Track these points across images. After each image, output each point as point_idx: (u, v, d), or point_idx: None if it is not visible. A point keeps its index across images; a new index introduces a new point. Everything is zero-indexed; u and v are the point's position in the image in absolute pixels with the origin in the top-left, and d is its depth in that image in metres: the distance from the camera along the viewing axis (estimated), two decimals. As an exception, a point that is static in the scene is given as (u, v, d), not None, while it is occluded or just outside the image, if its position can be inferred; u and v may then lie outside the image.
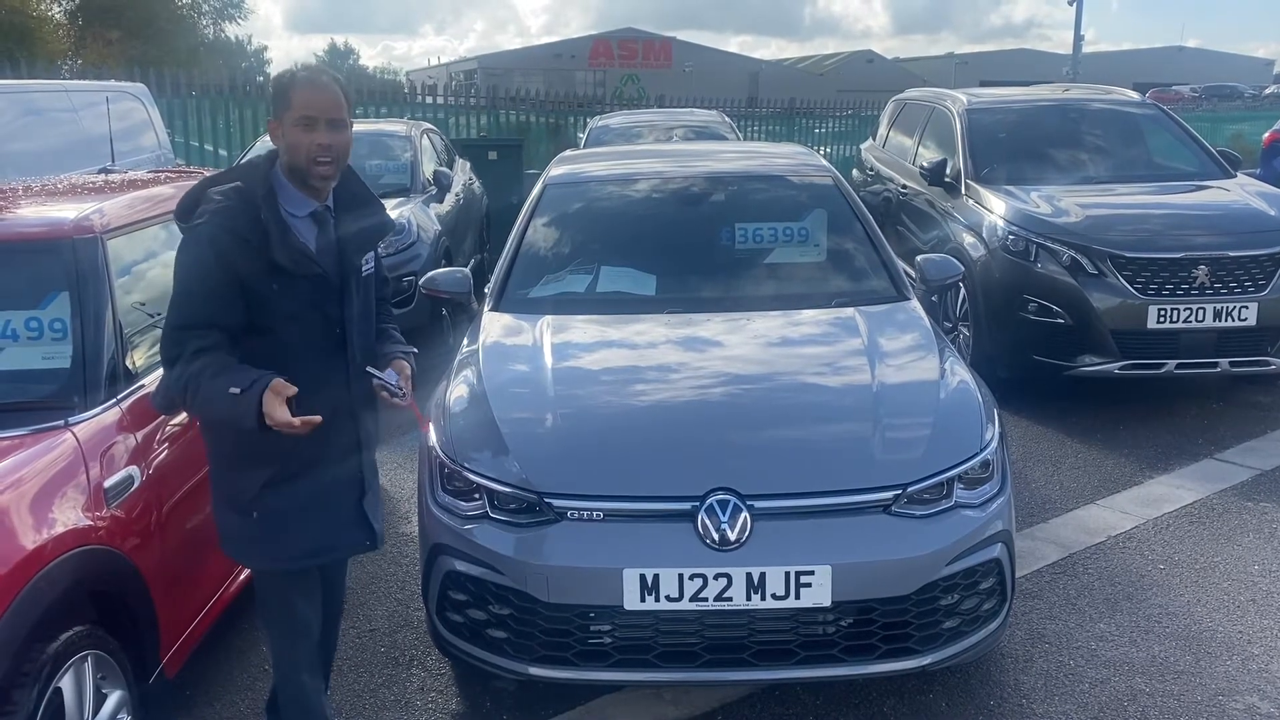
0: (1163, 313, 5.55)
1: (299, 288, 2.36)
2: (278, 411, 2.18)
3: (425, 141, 8.93)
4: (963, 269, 4.66)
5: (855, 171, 9.71)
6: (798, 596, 2.72)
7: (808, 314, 3.86)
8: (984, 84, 19.00)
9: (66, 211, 3.11)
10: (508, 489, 2.90)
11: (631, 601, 2.73)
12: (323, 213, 2.44)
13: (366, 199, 2.55)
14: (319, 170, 2.35)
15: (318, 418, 2.23)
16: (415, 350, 2.68)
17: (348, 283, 2.45)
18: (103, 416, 2.74)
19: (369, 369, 2.46)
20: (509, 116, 15.96)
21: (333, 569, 2.75)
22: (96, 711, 2.43)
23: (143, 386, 2.95)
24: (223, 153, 11.97)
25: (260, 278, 2.31)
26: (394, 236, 6.60)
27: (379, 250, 2.67)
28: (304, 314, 2.38)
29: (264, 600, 2.63)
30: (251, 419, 2.19)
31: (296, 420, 2.19)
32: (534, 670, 2.88)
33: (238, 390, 2.20)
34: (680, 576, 2.71)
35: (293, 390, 2.21)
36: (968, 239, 6.46)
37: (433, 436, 3.17)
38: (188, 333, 2.28)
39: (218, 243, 2.28)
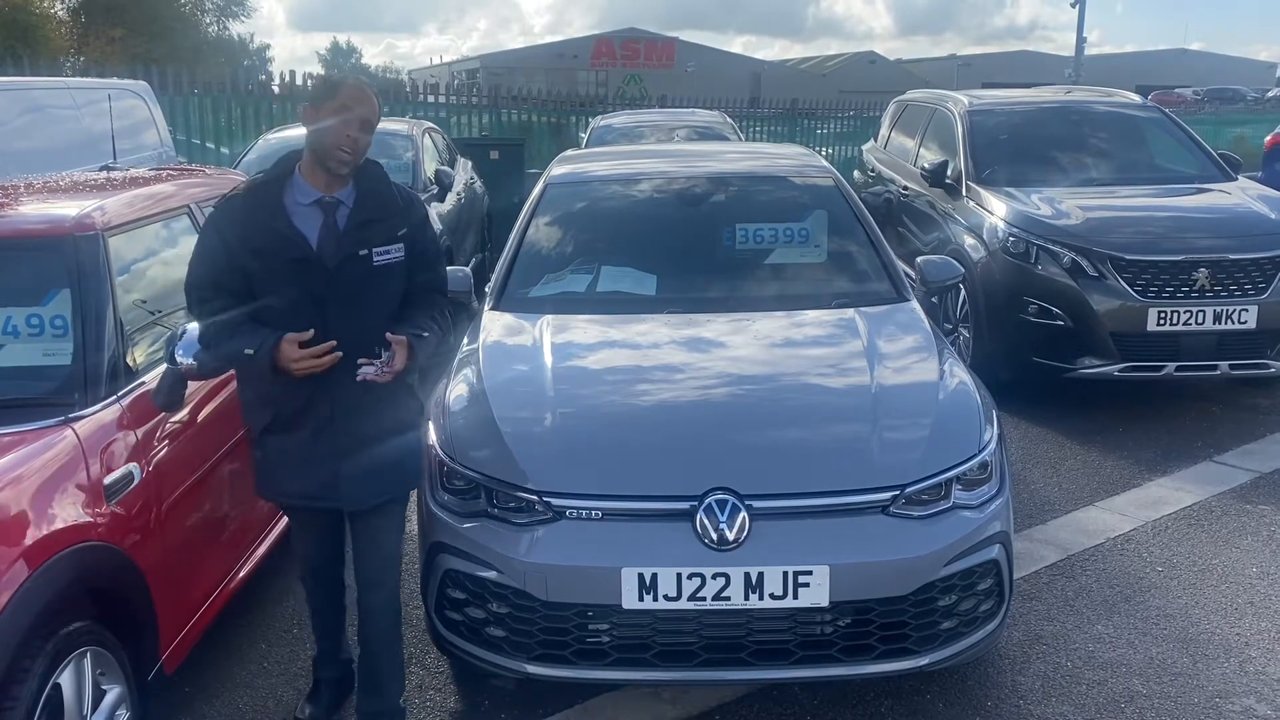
0: (1163, 315, 5.55)
1: (281, 268, 2.61)
2: (297, 353, 2.54)
3: (427, 140, 8.93)
4: (963, 270, 4.66)
5: (856, 173, 9.71)
6: (796, 596, 2.72)
7: (807, 315, 3.87)
8: (986, 86, 18.99)
9: (68, 209, 3.11)
10: (507, 488, 2.91)
11: (630, 600, 2.73)
12: (330, 202, 2.67)
13: (383, 195, 2.75)
14: (340, 155, 2.61)
15: (331, 345, 2.56)
16: (423, 334, 2.74)
17: (341, 270, 2.63)
18: (103, 413, 2.75)
19: (359, 361, 2.60)
20: (511, 116, 15.96)
21: (360, 532, 2.88)
22: (95, 707, 2.44)
23: (143, 384, 2.96)
24: (224, 150, 11.97)
25: (248, 257, 2.62)
26: None
27: (423, 241, 2.83)
28: (287, 291, 2.62)
29: (290, 530, 3.09)
30: (267, 369, 2.58)
31: (317, 351, 2.55)
32: (532, 669, 2.88)
33: (250, 351, 2.57)
34: (678, 576, 2.72)
35: (306, 336, 2.55)
36: (968, 240, 6.47)
37: (432, 435, 3.18)
38: (198, 290, 2.68)
39: (218, 224, 2.69)
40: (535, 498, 2.86)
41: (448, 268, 4.61)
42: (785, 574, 2.71)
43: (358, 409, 2.70)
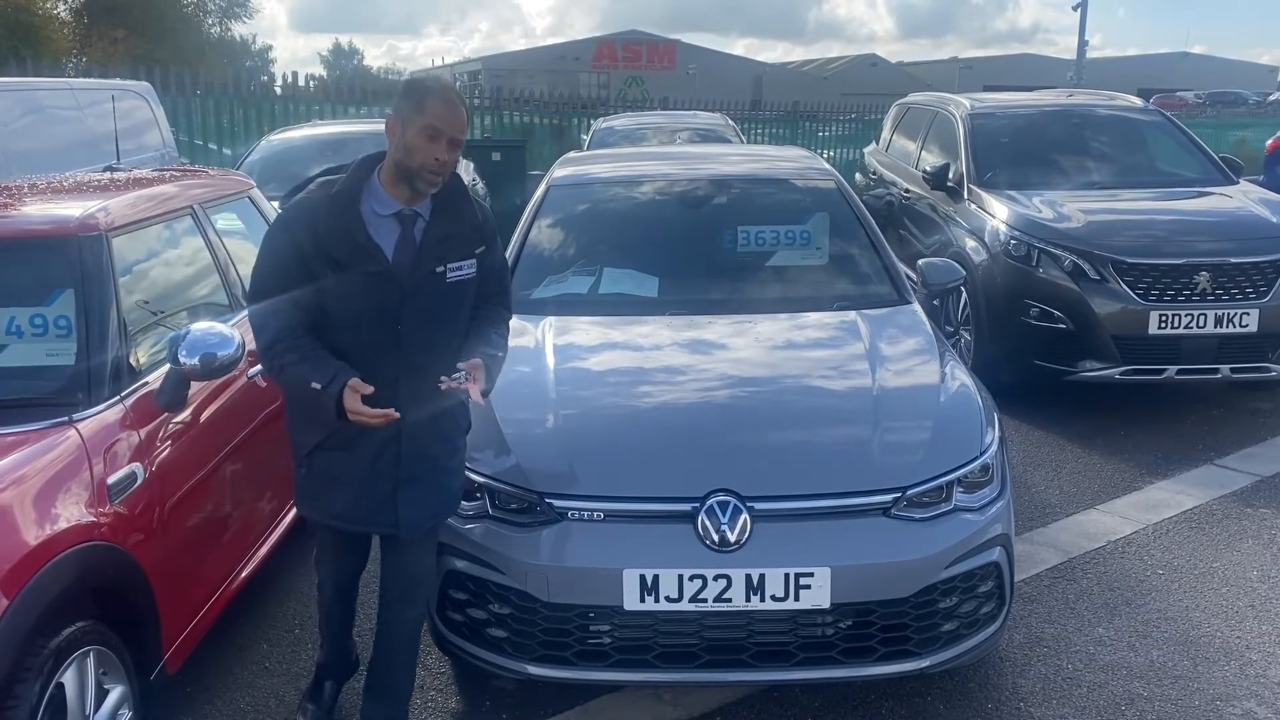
0: (1164, 318, 5.56)
1: (357, 282, 2.50)
2: (360, 407, 2.40)
3: (429, 142, 8.92)
4: (964, 273, 4.67)
5: (858, 175, 9.72)
6: (797, 598, 2.73)
7: (809, 317, 3.87)
8: (988, 88, 19.01)
9: (71, 209, 3.12)
10: (509, 488, 2.92)
11: (631, 602, 2.74)
12: (409, 215, 2.56)
13: (461, 209, 2.63)
14: (428, 178, 2.49)
15: (395, 413, 2.44)
16: (498, 354, 2.68)
17: (418, 287, 2.54)
18: (106, 414, 2.75)
19: (441, 378, 2.50)
20: (513, 117, 15.99)
21: (396, 551, 2.79)
22: (98, 707, 2.44)
23: (146, 384, 2.96)
24: (226, 151, 11.99)
25: (321, 266, 2.49)
26: None
27: (493, 254, 2.75)
28: (361, 307, 2.52)
29: (317, 544, 2.98)
30: (331, 413, 2.45)
31: (376, 414, 2.41)
32: (533, 669, 2.89)
33: (319, 386, 2.44)
34: (680, 577, 2.72)
35: (369, 389, 2.42)
36: (970, 243, 6.47)
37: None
38: (263, 299, 2.54)
39: (290, 228, 2.55)
40: (536, 498, 2.87)
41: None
42: (786, 576, 2.72)
43: (424, 433, 2.62)
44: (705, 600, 2.73)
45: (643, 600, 2.73)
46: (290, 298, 2.51)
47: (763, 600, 2.73)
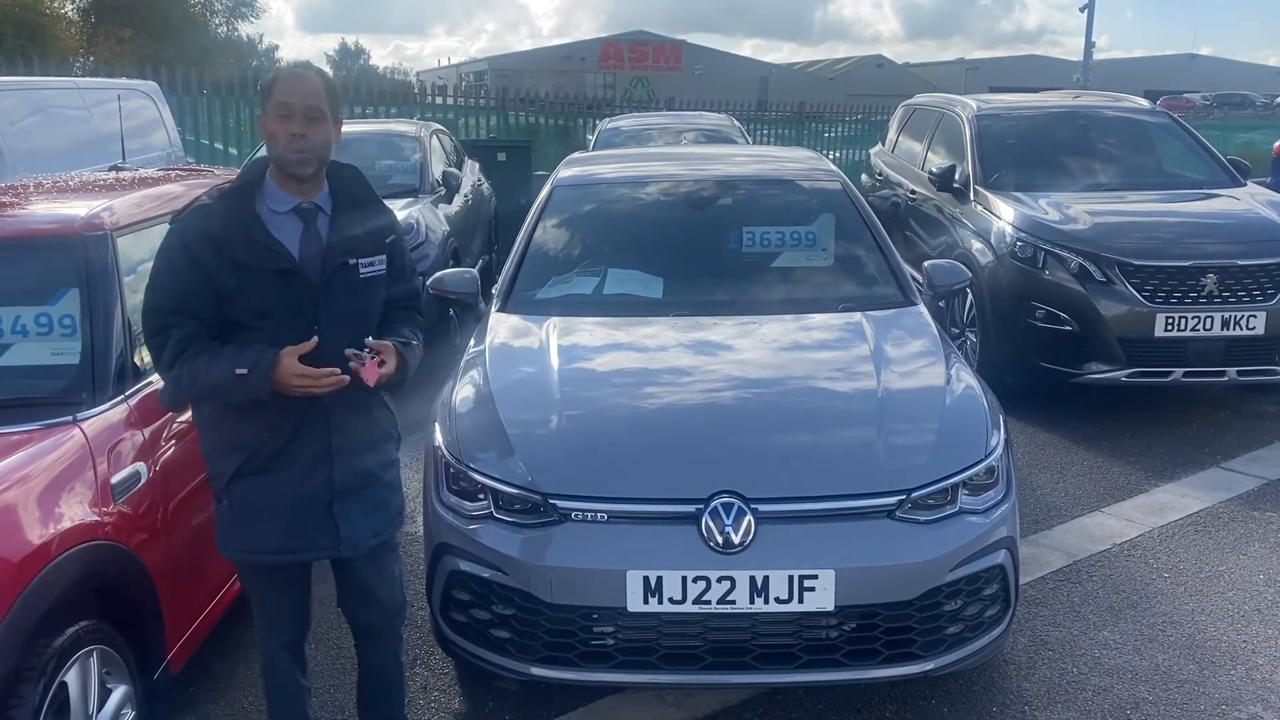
0: (1170, 321, 5.54)
1: (266, 283, 2.35)
2: (304, 369, 2.28)
3: (434, 142, 8.95)
4: (970, 275, 4.66)
5: (864, 176, 9.71)
6: (801, 600, 2.72)
7: (814, 319, 3.87)
8: (994, 90, 18.98)
9: (77, 209, 3.13)
10: (512, 489, 2.91)
11: (635, 603, 2.73)
12: (309, 210, 2.43)
13: (365, 200, 2.53)
14: (294, 157, 2.36)
15: (344, 376, 2.32)
16: (411, 342, 2.55)
17: (330, 282, 2.41)
18: (111, 413, 2.76)
19: (347, 352, 2.35)
20: (518, 118, 16.01)
21: (361, 579, 2.63)
22: (101, 706, 2.45)
23: (150, 384, 2.97)
24: (233, 151, 12.03)
25: (223, 273, 2.33)
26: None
27: (402, 252, 2.63)
28: (273, 311, 2.36)
29: (244, 589, 2.71)
30: (265, 392, 2.29)
31: (323, 373, 2.29)
32: (536, 670, 2.88)
33: (245, 370, 2.27)
34: (684, 579, 2.71)
35: (309, 347, 2.30)
36: (976, 245, 6.46)
37: (438, 436, 3.19)
38: (160, 318, 2.36)
39: (185, 238, 2.36)
40: (540, 499, 2.87)
41: (455, 269, 4.64)
42: (790, 578, 2.71)
43: (355, 441, 2.47)
44: (709, 602, 2.72)
45: (646, 602, 2.73)
46: (188, 310, 2.34)
47: (767, 602, 2.72)
